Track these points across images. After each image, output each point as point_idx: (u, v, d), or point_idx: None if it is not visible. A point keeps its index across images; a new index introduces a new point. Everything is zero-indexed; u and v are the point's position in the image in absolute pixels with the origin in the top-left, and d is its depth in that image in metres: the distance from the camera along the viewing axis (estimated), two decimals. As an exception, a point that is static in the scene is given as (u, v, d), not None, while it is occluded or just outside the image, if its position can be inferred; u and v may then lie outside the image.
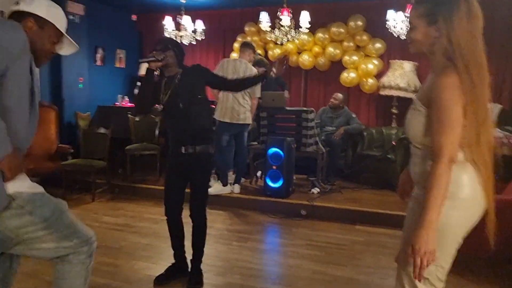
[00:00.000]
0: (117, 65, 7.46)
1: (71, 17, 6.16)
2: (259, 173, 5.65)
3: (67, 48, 1.87)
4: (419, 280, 1.53)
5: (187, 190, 2.95)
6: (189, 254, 3.01)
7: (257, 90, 5.06)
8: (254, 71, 5.20)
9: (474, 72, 1.47)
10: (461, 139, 1.54)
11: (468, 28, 1.47)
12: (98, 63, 7.00)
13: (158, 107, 2.91)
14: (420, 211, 1.60)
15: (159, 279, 2.97)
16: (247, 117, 4.93)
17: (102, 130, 5.27)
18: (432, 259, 1.47)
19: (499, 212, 3.22)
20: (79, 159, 5.18)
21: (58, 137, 5.45)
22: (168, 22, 6.33)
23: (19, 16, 1.69)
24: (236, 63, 5.04)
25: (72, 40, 1.84)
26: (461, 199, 1.55)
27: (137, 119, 5.95)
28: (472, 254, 3.20)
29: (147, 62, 2.79)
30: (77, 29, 6.28)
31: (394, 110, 6.28)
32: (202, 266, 3.00)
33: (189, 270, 3.00)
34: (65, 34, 1.80)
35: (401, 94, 6.05)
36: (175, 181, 2.92)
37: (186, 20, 6.29)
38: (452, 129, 1.47)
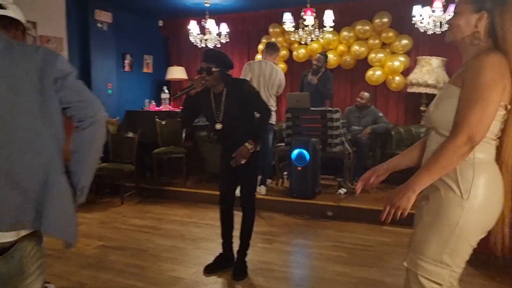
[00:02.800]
0: (145, 70, 7.61)
1: (99, 25, 6.34)
2: (285, 173, 5.62)
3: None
4: (384, 222, 1.51)
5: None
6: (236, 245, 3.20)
7: (282, 90, 5.19)
8: (280, 72, 5.22)
9: None
10: (490, 133, 1.46)
11: None
12: (126, 69, 7.16)
13: (218, 126, 2.99)
14: (430, 210, 1.54)
15: (208, 268, 3.16)
16: (272, 118, 4.94)
17: (130, 135, 5.39)
18: (403, 215, 1.46)
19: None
20: (108, 163, 5.31)
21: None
22: (193, 27, 6.40)
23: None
24: (262, 65, 5.07)
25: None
26: (478, 201, 1.46)
27: (163, 122, 6.05)
28: (490, 253, 3.08)
29: (184, 94, 2.90)
30: (105, 37, 6.46)
31: (422, 108, 6.11)
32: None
33: (235, 261, 3.15)
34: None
35: (430, 91, 5.88)
36: (227, 173, 3.12)
37: (210, 23, 6.34)
38: (482, 107, 1.37)
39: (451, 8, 5.12)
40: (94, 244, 3.77)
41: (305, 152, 4.76)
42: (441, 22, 5.17)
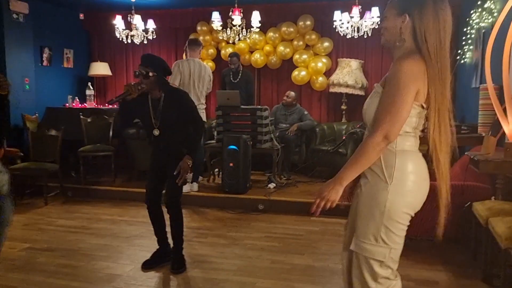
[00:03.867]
0: (65, 65, 7.23)
1: (14, 16, 5.93)
2: (216, 170, 5.72)
3: None
4: (314, 214, 1.66)
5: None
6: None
7: (210, 86, 5.34)
8: (208, 68, 5.28)
9: (436, 65, 1.56)
10: (411, 127, 1.63)
11: (434, 26, 1.58)
12: (45, 63, 6.76)
13: (156, 132, 3.02)
14: (363, 197, 1.73)
15: (146, 264, 3.18)
16: (203, 117, 5.00)
17: (52, 132, 5.13)
18: (331, 206, 1.62)
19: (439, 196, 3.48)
20: (29, 162, 5.01)
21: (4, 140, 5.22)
22: (118, 22, 6.23)
23: None
24: (190, 64, 5.09)
25: None
26: (406, 186, 1.64)
27: (89, 120, 5.83)
28: (424, 237, 3.46)
29: (119, 100, 2.86)
30: (22, 28, 6.05)
31: (343, 107, 6.56)
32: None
33: (172, 256, 3.19)
34: None
35: (349, 91, 6.34)
36: (156, 173, 3.15)
37: (137, 19, 6.22)
38: (396, 108, 1.53)
39: (367, 15, 5.59)
40: (19, 247, 3.58)
41: (236, 148, 4.90)
42: (358, 27, 5.60)
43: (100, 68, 7.33)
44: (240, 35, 5.92)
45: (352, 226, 1.81)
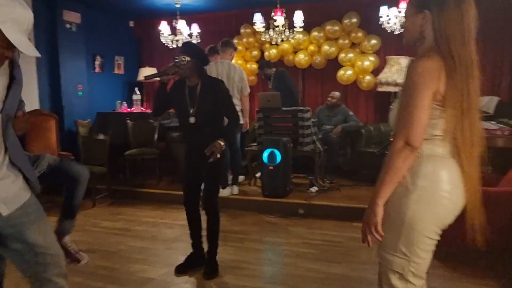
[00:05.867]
0: (116, 71, 7.53)
1: (68, 25, 6.24)
2: (258, 174, 5.67)
3: (28, 49, 1.52)
4: (363, 242, 1.58)
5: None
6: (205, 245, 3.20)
7: (245, 87, 5.08)
8: (238, 69, 5.10)
9: (458, 59, 1.46)
10: (436, 130, 1.53)
11: (455, 18, 1.47)
12: (97, 70, 7.07)
13: (191, 119, 2.98)
14: (388, 204, 1.60)
15: (179, 268, 3.18)
16: None
17: (101, 137, 5.33)
18: (376, 230, 1.52)
19: (493, 203, 3.21)
20: (78, 165, 5.23)
21: (59, 145, 5.51)
22: (163, 27, 6.38)
23: None
24: (218, 66, 4.97)
25: (28, 42, 1.53)
26: (436, 196, 1.53)
27: (135, 124, 6.01)
28: (466, 246, 3.20)
29: (155, 77, 2.91)
30: (74, 38, 6.37)
31: (392, 106, 6.25)
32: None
33: (205, 260, 3.17)
34: (15, 38, 1.47)
35: (399, 90, 6.03)
36: (192, 174, 3.14)
37: (181, 24, 6.34)
38: (414, 113, 1.44)
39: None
40: (63, 248, 3.72)
41: (276, 151, 4.82)
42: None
43: (149, 73, 7.51)
44: (283, 36, 5.83)
45: None
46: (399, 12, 5.30)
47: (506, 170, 3.76)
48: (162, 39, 6.47)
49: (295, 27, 5.71)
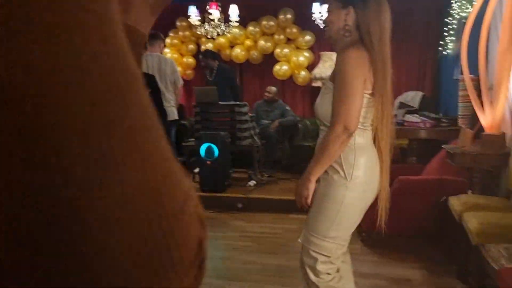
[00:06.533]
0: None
1: None
2: (196, 170, 5.60)
3: None
4: (300, 207, 1.72)
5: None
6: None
7: (178, 79, 4.93)
8: (170, 61, 4.91)
9: (379, 54, 1.58)
10: (364, 119, 1.63)
11: (376, 17, 1.59)
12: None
13: None
14: (320, 191, 1.68)
15: None
16: (170, 113, 4.78)
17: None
18: (306, 202, 1.67)
19: (415, 191, 3.41)
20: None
21: None
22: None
23: None
24: (148, 59, 4.75)
25: None
26: (359, 182, 1.64)
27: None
28: (399, 233, 3.40)
29: None
30: None
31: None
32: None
33: None
34: None
35: (325, 82, 6.22)
36: None
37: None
38: (350, 99, 1.54)
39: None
40: None
41: (213, 146, 4.79)
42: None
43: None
44: (219, 30, 5.81)
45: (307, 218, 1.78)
46: (332, 9, 5.48)
47: (428, 160, 4.03)
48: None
49: (231, 21, 5.70)
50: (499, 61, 3.05)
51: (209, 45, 6.68)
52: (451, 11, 4.85)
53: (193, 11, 5.72)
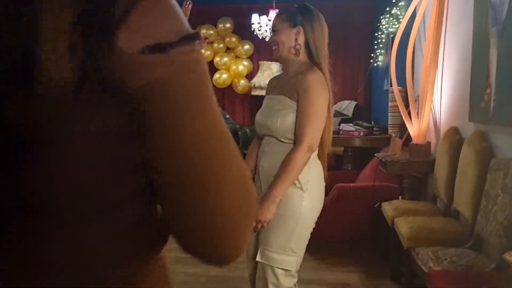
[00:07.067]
0: None
1: None
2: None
3: None
4: (254, 231, 1.69)
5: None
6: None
7: None
8: None
9: (326, 71, 1.68)
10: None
11: (321, 34, 1.68)
12: None
13: None
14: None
15: None
16: None
17: None
18: (267, 225, 1.65)
19: (351, 197, 3.56)
20: None
21: None
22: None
23: None
24: None
25: None
26: (313, 191, 1.71)
27: None
28: (339, 239, 3.53)
29: None
30: None
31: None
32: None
33: None
34: None
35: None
36: None
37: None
38: (316, 120, 1.62)
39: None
40: None
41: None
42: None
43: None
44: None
45: (257, 234, 1.78)
46: (269, 20, 5.60)
47: (362, 167, 4.24)
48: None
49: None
50: (424, 76, 3.30)
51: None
52: (380, 26, 5.16)
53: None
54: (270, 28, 5.62)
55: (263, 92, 6.38)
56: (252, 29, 5.67)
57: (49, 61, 0.38)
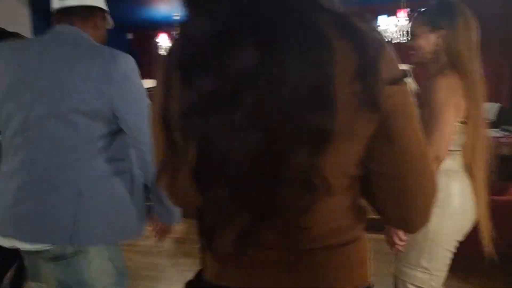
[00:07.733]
0: (115, 84, 7.51)
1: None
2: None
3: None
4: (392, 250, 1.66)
5: None
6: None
7: None
8: None
9: (470, 75, 1.53)
10: (455, 145, 1.57)
11: (464, 35, 1.54)
12: (96, 83, 7.04)
13: None
14: None
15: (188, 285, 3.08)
16: None
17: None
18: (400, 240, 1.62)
19: (502, 213, 3.21)
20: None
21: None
22: (162, 39, 6.38)
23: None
24: None
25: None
26: (451, 208, 1.58)
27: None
28: (477, 256, 3.19)
29: None
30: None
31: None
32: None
33: None
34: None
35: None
36: None
37: (180, 36, 6.34)
38: (441, 128, 1.50)
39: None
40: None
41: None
42: (407, 31, 5.34)
43: (149, 85, 7.51)
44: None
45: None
46: (398, 21, 5.34)
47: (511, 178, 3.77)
48: (160, 51, 6.47)
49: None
50: None
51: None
52: None
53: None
54: (399, 30, 5.39)
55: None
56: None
57: (338, 90, 0.62)
